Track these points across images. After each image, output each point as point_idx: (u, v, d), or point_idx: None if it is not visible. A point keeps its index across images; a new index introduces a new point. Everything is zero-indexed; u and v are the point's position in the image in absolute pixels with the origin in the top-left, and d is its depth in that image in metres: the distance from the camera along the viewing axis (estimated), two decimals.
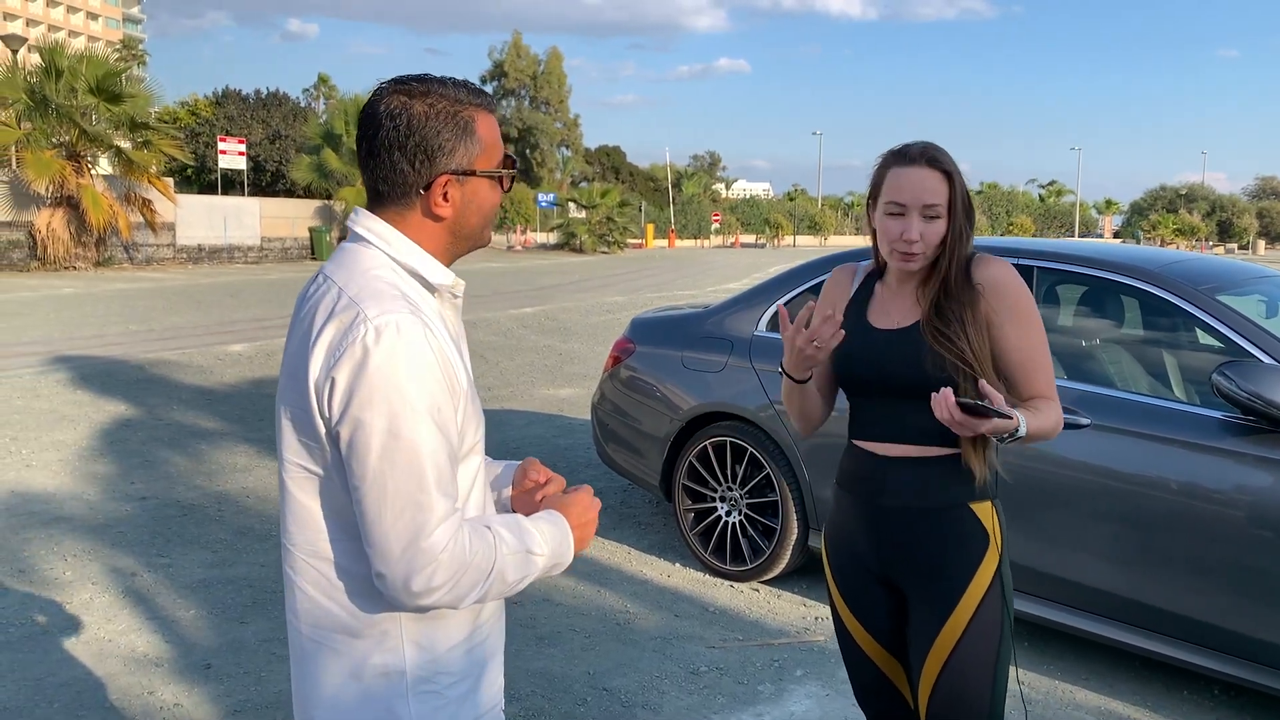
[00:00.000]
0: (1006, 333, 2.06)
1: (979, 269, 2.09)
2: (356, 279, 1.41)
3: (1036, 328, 2.08)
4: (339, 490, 1.40)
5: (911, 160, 2.05)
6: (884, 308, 2.17)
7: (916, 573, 2.12)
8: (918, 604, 2.13)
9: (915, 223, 2.03)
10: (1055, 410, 2.06)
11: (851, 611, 2.25)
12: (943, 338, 2.03)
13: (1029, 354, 2.07)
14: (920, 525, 2.10)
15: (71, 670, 3.67)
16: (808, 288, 4.67)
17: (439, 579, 1.34)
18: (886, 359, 2.10)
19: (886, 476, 2.13)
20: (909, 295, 2.15)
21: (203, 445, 7.14)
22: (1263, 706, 3.58)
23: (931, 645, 2.09)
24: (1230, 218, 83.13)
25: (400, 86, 1.44)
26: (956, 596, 2.06)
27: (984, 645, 2.07)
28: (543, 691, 3.58)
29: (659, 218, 65.25)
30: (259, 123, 48.74)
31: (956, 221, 2.05)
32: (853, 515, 2.21)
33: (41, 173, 22.94)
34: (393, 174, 1.44)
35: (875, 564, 2.18)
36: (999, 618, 2.07)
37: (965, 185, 2.09)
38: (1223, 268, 4.11)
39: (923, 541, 2.10)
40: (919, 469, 2.10)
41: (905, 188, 2.04)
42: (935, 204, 2.03)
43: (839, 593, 2.28)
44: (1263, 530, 3.24)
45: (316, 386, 1.37)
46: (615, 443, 5.35)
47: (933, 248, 2.05)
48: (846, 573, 2.25)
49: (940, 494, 2.09)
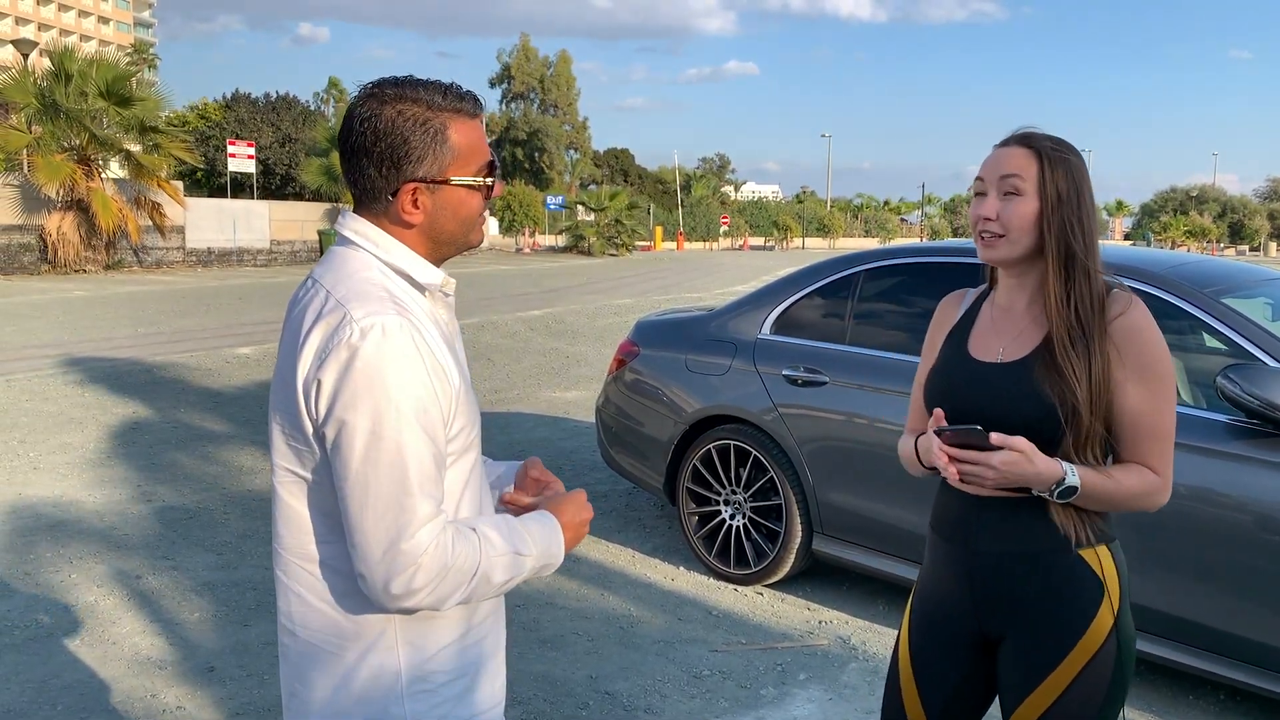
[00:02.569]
0: (1129, 390, 1.78)
1: (1113, 306, 1.81)
2: (344, 281, 1.41)
3: (1165, 389, 1.79)
4: (329, 493, 1.40)
5: (1005, 142, 1.86)
6: (988, 334, 1.92)
7: (1018, 624, 1.87)
8: (1016, 655, 1.88)
9: (993, 199, 1.82)
10: (1148, 481, 1.78)
11: (915, 674, 2.02)
12: (1055, 373, 1.77)
13: (1145, 416, 1.78)
14: (1018, 573, 1.85)
15: (75, 673, 3.68)
16: (811, 290, 4.67)
17: (419, 581, 1.34)
18: (985, 397, 1.84)
19: (981, 519, 1.89)
20: (1017, 319, 1.89)
21: (209, 448, 7.16)
22: (1268, 712, 3.56)
23: (1027, 697, 1.85)
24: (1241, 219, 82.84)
25: (374, 91, 1.44)
26: (1060, 654, 1.82)
27: (1088, 704, 1.82)
28: (545, 695, 3.57)
29: (668, 220, 65.27)
30: (269, 126, 48.91)
31: (1047, 204, 1.78)
32: (946, 564, 1.97)
33: (52, 176, 23.05)
34: (363, 179, 1.45)
35: (971, 618, 1.93)
36: (1110, 675, 1.82)
37: (1075, 175, 1.81)
38: (1228, 270, 4.08)
39: (1024, 591, 1.85)
40: (1015, 511, 1.84)
41: (987, 164, 1.85)
42: (1013, 176, 1.80)
43: (909, 654, 2.04)
44: (1267, 534, 3.21)
45: (304, 388, 1.37)
46: (619, 445, 5.35)
47: (1018, 233, 1.80)
48: (927, 634, 2.01)
49: (1040, 539, 1.83)
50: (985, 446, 1.70)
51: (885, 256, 4.58)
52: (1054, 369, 1.78)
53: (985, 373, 1.87)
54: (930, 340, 2.08)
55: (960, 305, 2.05)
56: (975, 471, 1.71)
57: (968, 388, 1.88)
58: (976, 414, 1.83)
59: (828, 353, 4.45)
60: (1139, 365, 1.79)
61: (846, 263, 4.66)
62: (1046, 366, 1.79)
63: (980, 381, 1.87)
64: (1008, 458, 1.69)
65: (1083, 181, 1.83)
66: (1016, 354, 1.86)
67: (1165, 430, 1.80)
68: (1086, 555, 1.84)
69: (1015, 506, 1.84)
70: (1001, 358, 1.88)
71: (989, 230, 1.83)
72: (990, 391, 1.84)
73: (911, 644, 2.04)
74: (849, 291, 4.53)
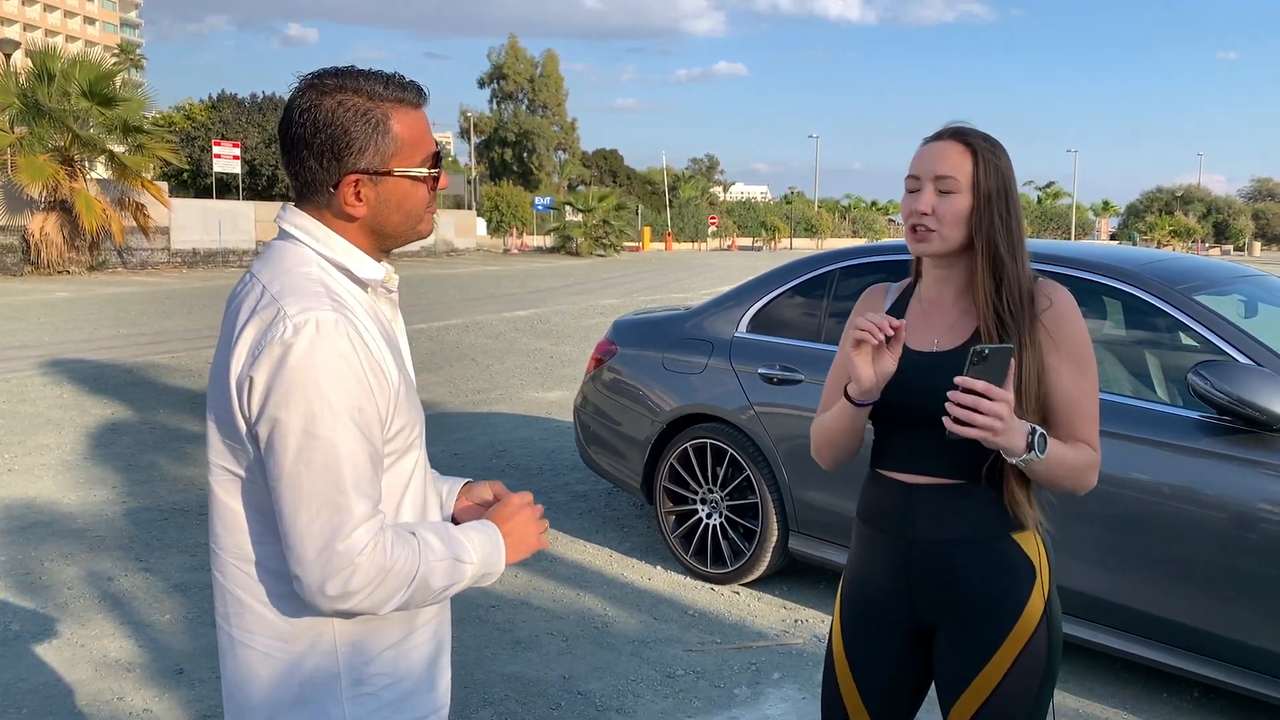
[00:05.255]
0: (1062, 373, 1.84)
1: (1040, 294, 1.87)
2: (280, 276, 1.38)
3: (1092, 370, 1.86)
4: (265, 492, 1.37)
5: (937, 136, 1.89)
6: (920, 325, 1.95)
7: (954, 612, 1.90)
8: (952, 645, 1.91)
9: (928, 194, 1.84)
10: (1089, 455, 1.85)
11: (850, 666, 2.02)
12: None
13: (1079, 398, 1.85)
14: (957, 560, 1.88)
15: (41, 675, 3.64)
16: (787, 289, 4.65)
17: (355, 583, 1.31)
18: (923, 386, 1.84)
19: (917, 507, 1.90)
20: (946, 311, 1.93)
21: (187, 448, 7.11)
22: (1241, 709, 3.56)
23: (966, 688, 1.88)
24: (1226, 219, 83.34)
25: (314, 82, 1.41)
26: (1000, 638, 1.85)
27: (1025, 689, 1.86)
28: (517, 695, 3.55)
29: (656, 221, 65.29)
30: (254, 127, 48.76)
31: (980, 201, 1.82)
32: (879, 554, 1.97)
33: (35, 177, 22.92)
34: (303, 171, 1.41)
35: (905, 609, 1.95)
36: (1044, 659, 1.87)
37: (1003, 173, 1.85)
38: (1202, 267, 4.09)
39: (961, 578, 1.88)
40: (953, 498, 1.87)
41: (921, 158, 1.87)
42: (950, 176, 1.82)
43: (843, 646, 2.04)
44: (1239, 531, 3.21)
45: (237, 385, 1.34)
46: (597, 445, 5.33)
47: (950, 228, 1.83)
48: (859, 625, 2.02)
49: (979, 524, 1.87)
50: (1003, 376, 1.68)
51: (860, 255, 4.57)
52: None
53: (923, 361, 1.89)
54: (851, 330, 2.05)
55: (886, 297, 2.08)
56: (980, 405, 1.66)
57: (906, 376, 1.87)
58: (916, 402, 1.85)
59: (803, 351, 4.43)
60: (1071, 349, 1.85)
61: (821, 261, 4.65)
62: None
63: (918, 370, 1.87)
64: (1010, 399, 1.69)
65: (1010, 180, 1.88)
66: (951, 344, 1.90)
67: (1095, 410, 1.88)
68: (1020, 539, 1.89)
69: (953, 492, 1.87)
70: (937, 347, 1.91)
71: (923, 224, 1.85)
72: (930, 379, 1.84)
73: (845, 636, 2.04)
74: (824, 290, 4.52)
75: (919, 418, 1.86)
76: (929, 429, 1.83)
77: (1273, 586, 3.14)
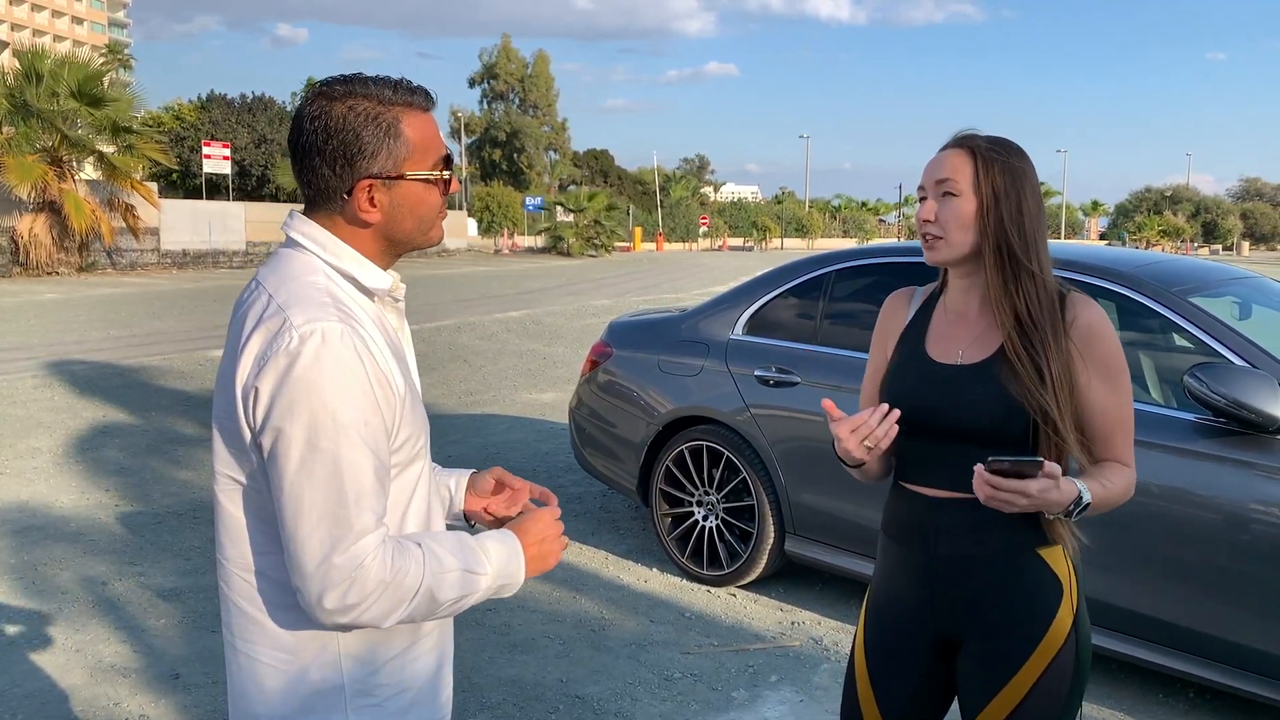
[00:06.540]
0: (1095, 388, 1.79)
1: (1070, 309, 1.81)
2: (287, 285, 1.37)
3: (1126, 386, 1.82)
4: (268, 501, 1.37)
5: (944, 146, 1.86)
6: (944, 336, 1.90)
7: (978, 626, 1.85)
8: (977, 658, 1.87)
9: (931, 201, 1.82)
10: (1128, 476, 1.82)
11: (871, 680, 1.98)
12: (1022, 386, 1.76)
13: (1115, 415, 1.81)
14: (980, 575, 1.84)
15: (36, 681, 3.62)
16: (783, 291, 4.66)
17: (354, 596, 1.30)
18: (948, 401, 1.81)
19: (940, 522, 1.86)
20: (971, 323, 1.87)
21: (180, 451, 7.08)
22: (1238, 710, 3.57)
23: (989, 702, 1.83)
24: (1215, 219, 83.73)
25: (323, 89, 1.41)
26: (1022, 656, 1.81)
27: (1050, 707, 1.81)
28: (514, 699, 3.54)
29: (647, 221, 65.27)
30: (244, 127, 48.59)
31: (984, 203, 1.78)
32: (901, 567, 1.94)
33: (23, 178, 22.79)
34: (315, 179, 1.40)
35: (929, 620, 1.91)
36: (1070, 676, 1.82)
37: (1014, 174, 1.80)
38: (1196, 269, 4.10)
39: (984, 593, 1.84)
40: (977, 511, 1.79)
41: (926, 169, 1.85)
42: (948, 179, 1.80)
43: (865, 659, 2.00)
44: (1235, 532, 3.23)
45: (242, 395, 1.33)
46: (593, 447, 5.32)
47: (956, 233, 1.80)
48: (881, 639, 1.98)
49: (1001, 540, 1.82)
50: (1033, 475, 1.63)
51: (856, 257, 4.58)
52: (1013, 371, 1.78)
53: (946, 375, 1.85)
54: (880, 338, 2.05)
55: (909, 303, 2.02)
56: (1008, 499, 1.65)
57: (928, 389, 1.85)
58: (938, 416, 1.82)
59: (799, 353, 4.44)
60: (1103, 364, 1.80)
61: (817, 263, 4.65)
62: (1009, 369, 1.78)
63: (941, 384, 1.84)
64: (1044, 485, 1.64)
65: (1023, 181, 1.81)
66: (977, 356, 1.85)
67: (1131, 423, 1.84)
68: (1046, 554, 1.84)
69: (974, 508, 1.79)
70: (961, 360, 1.86)
71: (929, 232, 1.83)
72: (953, 394, 1.82)
73: (867, 648, 2.01)
74: (820, 292, 4.53)
75: (940, 431, 1.83)
76: (950, 442, 1.81)
77: (1267, 587, 3.16)
